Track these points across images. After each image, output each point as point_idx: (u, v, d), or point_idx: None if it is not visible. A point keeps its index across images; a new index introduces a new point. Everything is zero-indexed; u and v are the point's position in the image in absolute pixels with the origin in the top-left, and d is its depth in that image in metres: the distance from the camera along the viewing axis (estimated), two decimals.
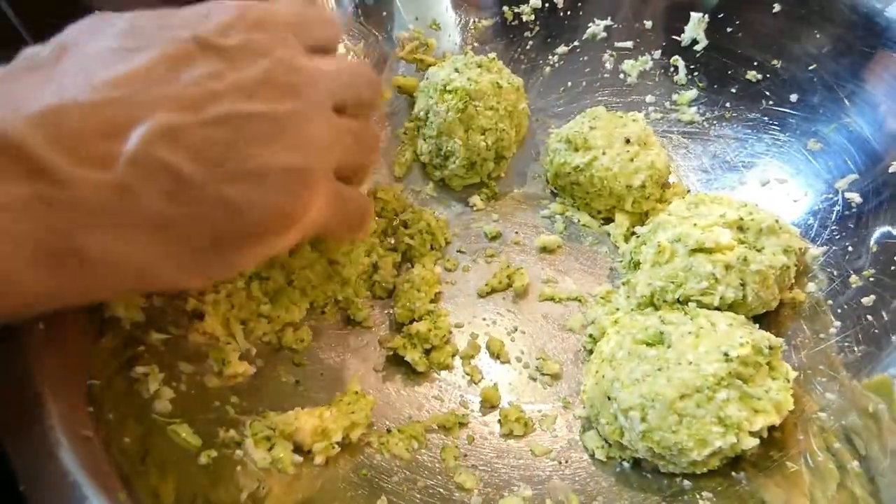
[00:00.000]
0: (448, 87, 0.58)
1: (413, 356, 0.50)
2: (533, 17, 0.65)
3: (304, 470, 0.41)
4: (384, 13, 0.64)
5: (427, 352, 0.52)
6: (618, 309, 0.54)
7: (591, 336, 0.53)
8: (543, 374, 0.52)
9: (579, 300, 0.56)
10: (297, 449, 0.42)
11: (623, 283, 0.56)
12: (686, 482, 0.43)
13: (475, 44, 0.65)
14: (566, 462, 0.46)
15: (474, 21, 0.66)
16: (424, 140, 0.61)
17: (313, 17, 0.37)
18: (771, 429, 0.42)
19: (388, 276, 0.54)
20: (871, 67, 0.50)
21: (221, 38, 0.30)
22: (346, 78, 0.36)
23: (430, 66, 0.63)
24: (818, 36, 0.53)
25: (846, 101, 0.51)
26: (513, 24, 0.66)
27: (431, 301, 0.53)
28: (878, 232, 0.47)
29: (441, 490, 0.44)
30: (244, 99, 0.29)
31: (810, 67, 0.54)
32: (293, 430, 0.42)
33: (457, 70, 0.59)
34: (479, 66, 0.59)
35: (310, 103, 0.32)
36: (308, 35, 0.35)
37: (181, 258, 0.29)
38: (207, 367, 0.43)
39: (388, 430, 0.47)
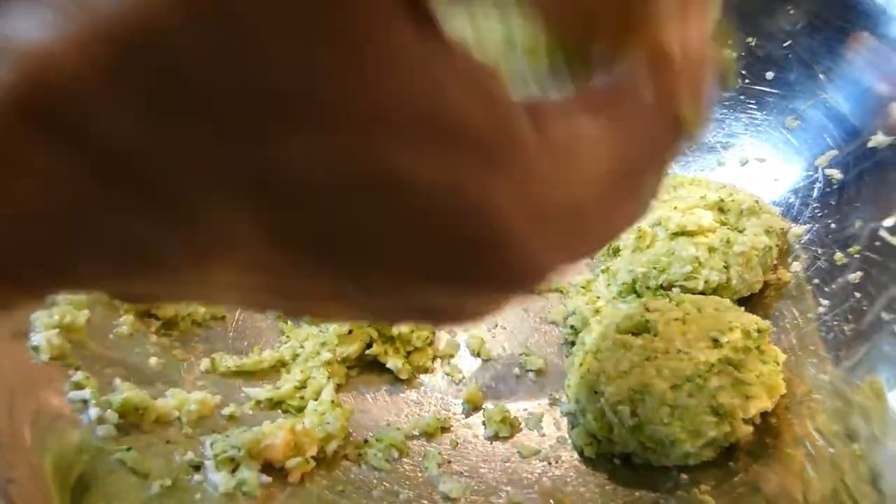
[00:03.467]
0: None
1: (396, 363, 0.47)
2: None
3: (273, 491, 0.38)
4: None
5: (407, 354, 0.49)
6: (599, 298, 0.52)
7: (572, 328, 0.51)
8: (527, 371, 0.50)
9: (560, 290, 0.54)
10: (266, 467, 0.39)
11: (602, 271, 0.54)
12: (682, 476, 0.41)
13: None
14: (556, 462, 0.44)
15: None
16: None
17: None
18: (764, 415, 0.41)
19: None
20: (847, 43, 0.49)
21: None
22: None
23: None
24: (792, 12, 0.52)
25: (822, 78, 0.51)
26: None
27: None
28: (862, 208, 0.46)
29: (425, 502, 0.41)
30: None
31: (785, 44, 0.53)
32: (262, 448, 0.39)
33: None
34: None
35: None
36: None
37: None
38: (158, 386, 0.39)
39: (366, 441, 0.44)
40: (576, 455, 0.45)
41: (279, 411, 0.44)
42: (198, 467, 0.37)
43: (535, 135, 0.15)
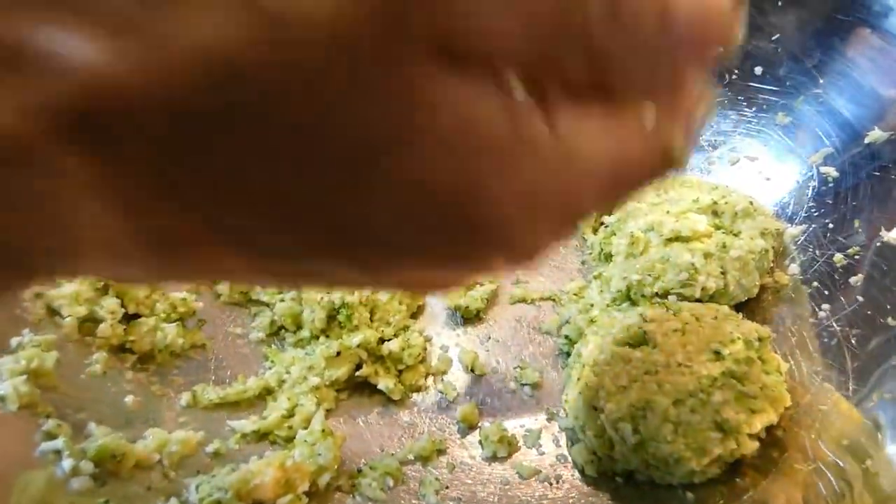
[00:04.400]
0: None
1: (387, 383, 0.45)
2: None
3: None
4: None
5: (398, 373, 0.47)
6: (592, 305, 0.51)
7: (566, 338, 0.50)
8: (523, 385, 0.48)
9: (553, 299, 0.53)
10: None
11: (595, 277, 0.53)
12: (689, 494, 0.40)
13: None
14: (557, 482, 0.43)
15: None
16: None
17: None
18: (770, 427, 0.40)
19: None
20: (839, 36, 0.48)
21: None
22: None
23: None
24: (780, 4, 0.51)
25: (814, 72, 0.49)
26: None
27: (412, 315, 0.49)
28: (861, 207, 0.45)
29: None
30: None
31: (774, 38, 0.52)
32: (251, 488, 0.37)
33: None
34: None
35: None
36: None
37: None
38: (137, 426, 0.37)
39: (359, 470, 0.42)
40: (577, 474, 0.43)
41: (267, 443, 0.43)
42: None
43: (546, 131, 0.17)
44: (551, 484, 0.43)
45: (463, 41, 0.15)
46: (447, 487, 0.43)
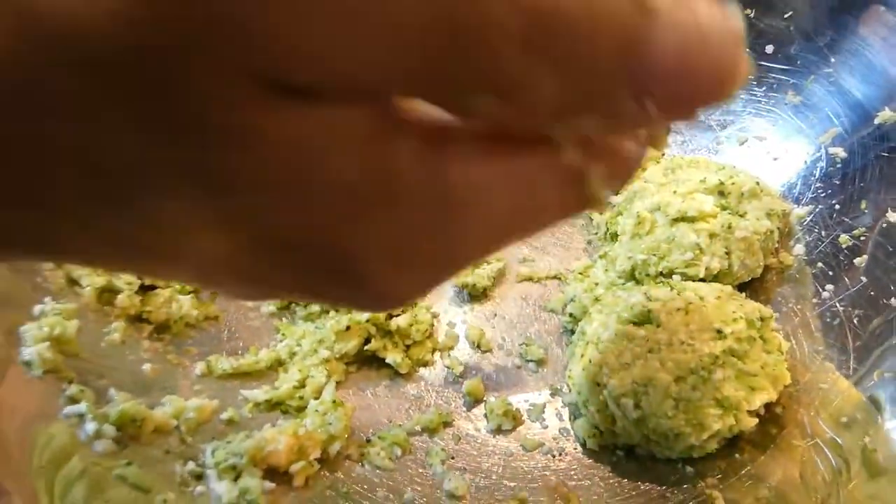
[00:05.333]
0: None
1: (395, 357, 0.47)
2: None
3: (277, 496, 0.38)
4: None
5: (406, 348, 0.48)
6: (597, 284, 0.51)
7: (571, 315, 0.50)
8: (528, 361, 0.49)
9: (559, 278, 0.53)
10: (268, 472, 0.38)
11: (601, 256, 0.53)
12: (688, 468, 0.41)
13: None
14: (559, 454, 0.44)
15: None
16: None
17: None
18: (769, 404, 0.40)
19: None
20: (852, 14, 0.47)
21: None
22: None
23: None
24: None
25: (826, 51, 0.49)
26: None
27: None
28: (868, 188, 0.45)
29: (431, 501, 0.41)
30: None
31: (786, 16, 0.51)
32: (265, 454, 0.38)
33: None
34: None
35: None
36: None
37: None
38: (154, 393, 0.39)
39: (368, 440, 0.44)
40: (579, 447, 0.45)
41: (278, 412, 0.44)
42: (199, 477, 0.36)
43: (422, 179, 0.14)
44: (554, 456, 0.44)
45: (301, 73, 0.12)
46: (453, 458, 0.44)
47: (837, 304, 0.44)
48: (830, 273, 0.45)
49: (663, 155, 0.56)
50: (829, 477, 0.37)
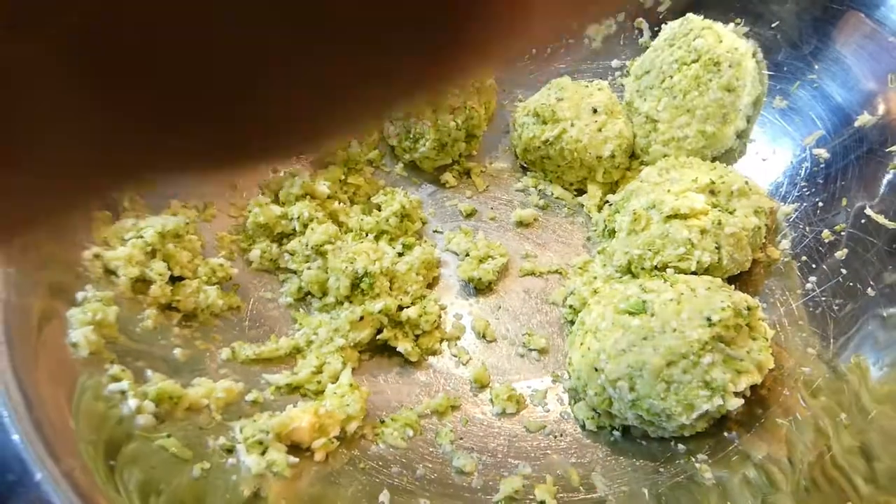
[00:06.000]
0: None
1: (406, 346, 0.50)
2: None
3: (301, 469, 0.41)
4: None
5: (416, 338, 0.51)
6: (595, 278, 0.54)
7: (571, 307, 0.53)
8: (531, 350, 0.52)
9: (560, 273, 0.56)
10: (291, 448, 0.42)
11: (599, 252, 0.56)
12: (679, 446, 0.44)
13: None
14: (560, 435, 0.47)
15: None
16: (392, 122, 0.60)
17: None
18: (754, 386, 0.43)
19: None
20: (834, 24, 0.50)
21: None
22: None
23: None
24: None
25: (810, 58, 0.52)
26: None
27: (428, 286, 0.53)
28: (848, 186, 0.48)
29: (441, 476, 0.44)
30: None
31: (773, 25, 0.54)
32: (290, 431, 0.41)
33: None
34: None
35: None
36: None
37: None
38: (185, 375, 0.42)
39: (382, 421, 0.47)
40: (578, 429, 0.47)
41: (298, 395, 0.47)
42: (230, 450, 0.39)
43: None
44: (555, 437, 0.47)
45: None
46: (461, 438, 0.47)
47: (820, 295, 0.46)
48: (813, 266, 0.48)
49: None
50: (810, 450, 0.40)
